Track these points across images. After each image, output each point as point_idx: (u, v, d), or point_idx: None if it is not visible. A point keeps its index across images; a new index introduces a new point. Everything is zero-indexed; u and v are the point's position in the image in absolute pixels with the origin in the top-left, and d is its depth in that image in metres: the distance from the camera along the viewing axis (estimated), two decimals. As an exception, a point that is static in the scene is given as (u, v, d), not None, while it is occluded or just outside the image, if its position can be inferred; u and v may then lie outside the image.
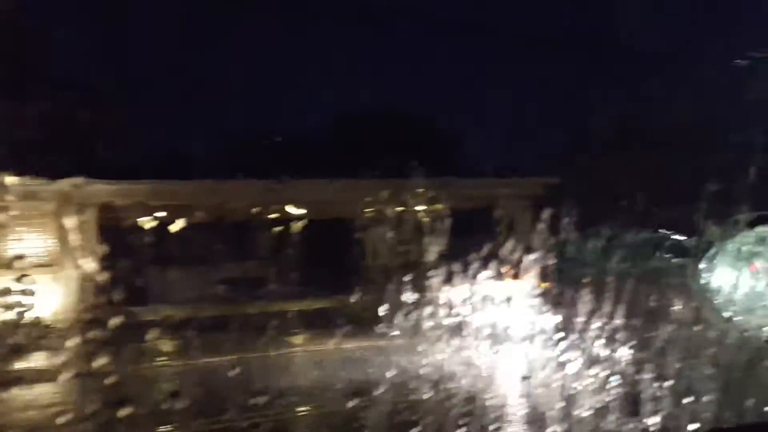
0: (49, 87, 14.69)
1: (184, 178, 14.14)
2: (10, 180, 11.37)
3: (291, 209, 14.86)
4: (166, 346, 9.89)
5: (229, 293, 14.11)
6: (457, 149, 18.97)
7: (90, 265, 11.81)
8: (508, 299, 8.60)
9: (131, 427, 5.09)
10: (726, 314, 7.40)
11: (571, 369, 5.44)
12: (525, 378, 6.59)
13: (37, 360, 9.47)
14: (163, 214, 15.51)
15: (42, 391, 8.26)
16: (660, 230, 14.19)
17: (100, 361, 5.37)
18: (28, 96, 13.33)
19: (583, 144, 16.86)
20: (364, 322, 8.91)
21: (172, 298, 13.18)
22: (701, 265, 8.13)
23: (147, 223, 14.39)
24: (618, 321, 5.52)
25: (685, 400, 4.52)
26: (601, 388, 4.92)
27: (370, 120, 17.53)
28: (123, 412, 4.88)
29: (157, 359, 9.42)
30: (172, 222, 15.25)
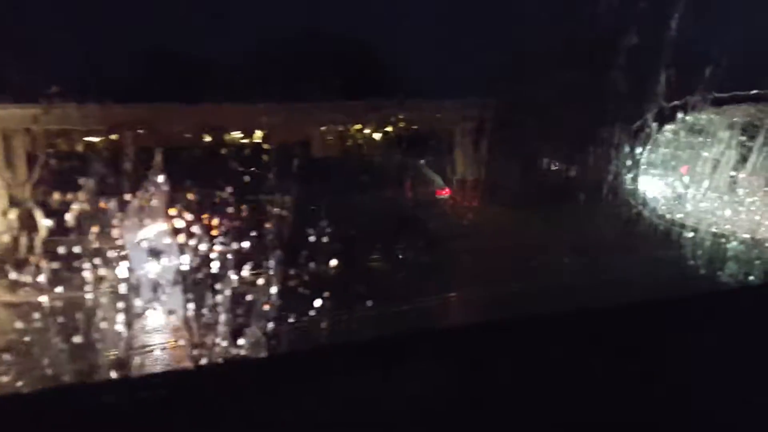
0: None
1: (106, 101, 13.40)
2: None
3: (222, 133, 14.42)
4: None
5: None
6: (395, 71, 18.44)
7: (15, 194, 11.35)
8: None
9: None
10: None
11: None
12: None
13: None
14: (96, 139, 14.88)
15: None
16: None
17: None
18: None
19: (522, 65, 16.62)
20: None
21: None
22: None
23: (77, 148, 13.81)
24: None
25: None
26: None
27: (298, 41, 16.81)
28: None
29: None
30: (107, 148, 14.65)
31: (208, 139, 12.69)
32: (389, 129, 13.41)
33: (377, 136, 13.60)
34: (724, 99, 3.65)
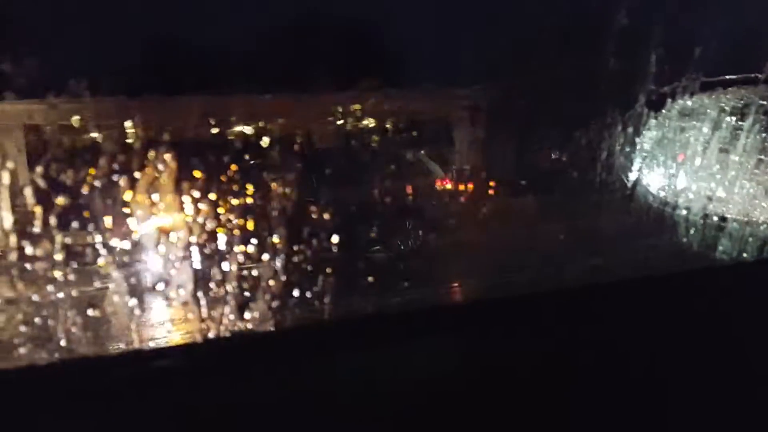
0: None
1: (110, 94, 13.40)
2: None
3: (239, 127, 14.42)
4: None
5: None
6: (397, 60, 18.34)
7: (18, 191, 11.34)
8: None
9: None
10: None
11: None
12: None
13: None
14: (98, 134, 14.84)
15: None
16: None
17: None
18: None
19: (520, 52, 16.56)
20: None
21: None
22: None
23: (81, 144, 13.80)
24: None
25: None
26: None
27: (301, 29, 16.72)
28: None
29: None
30: (110, 142, 14.62)
31: (214, 131, 12.77)
32: (388, 119, 13.38)
33: (375, 126, 13.57)
34: (714, 83, 3.69)
